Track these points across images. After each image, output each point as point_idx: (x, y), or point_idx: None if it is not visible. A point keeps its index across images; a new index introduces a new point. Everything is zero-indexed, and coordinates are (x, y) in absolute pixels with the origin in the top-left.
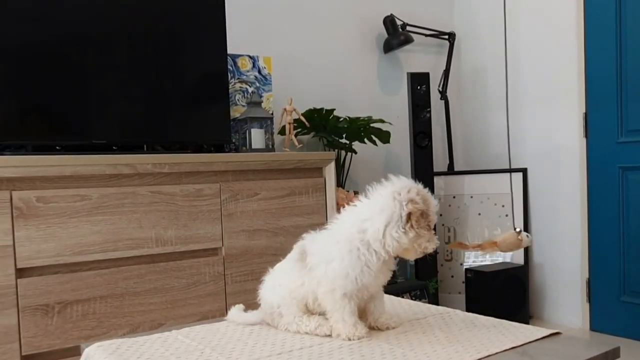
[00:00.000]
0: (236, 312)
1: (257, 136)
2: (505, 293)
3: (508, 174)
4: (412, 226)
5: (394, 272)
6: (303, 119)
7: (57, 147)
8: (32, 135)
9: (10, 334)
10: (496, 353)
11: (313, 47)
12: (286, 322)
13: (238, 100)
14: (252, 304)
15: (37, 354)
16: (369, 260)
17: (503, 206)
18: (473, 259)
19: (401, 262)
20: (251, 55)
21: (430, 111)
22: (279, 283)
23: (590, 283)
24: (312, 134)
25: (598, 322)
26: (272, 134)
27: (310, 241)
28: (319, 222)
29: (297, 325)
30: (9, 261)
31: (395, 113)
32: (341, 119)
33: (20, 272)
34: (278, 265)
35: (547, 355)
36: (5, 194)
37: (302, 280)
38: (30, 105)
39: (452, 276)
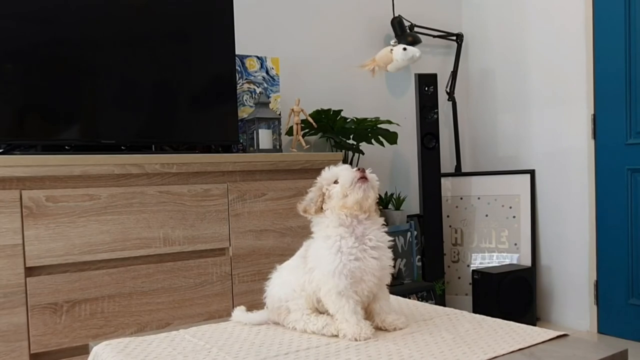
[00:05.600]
0: (240, 313)
1: (264, 137)
2: (512, 295)
3: (516, 175)
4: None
5: (401, 271)
6: (310, 119)
7: (67, 147)
8: (42, 135)
9: (20, 332)
10: (503, 355)
11: (321, 48)
12: (293, 319)
13: (246, 100)
14: (258, 304)
15: (46, 352)
16: (344, 244)
17: (510, 208)
18: (480, 261)
19: (408, 263)
20: (259, 56)
21: (437, 112)
22: (288, 279)
23: (598, 285)
24: (319, 134)
25: (606, 325)
26: (279, 134)
27: (313, 242)
28: None
29: (305, 324)
30: (19, 260)
31: (402, 114)
32: (348, 120)
33: (30, 271)
34: (285, 263)
35: (554, 357)
36: (15, 193)
37: (304, 279)
38: (39, 105)
39: (459, 277)
